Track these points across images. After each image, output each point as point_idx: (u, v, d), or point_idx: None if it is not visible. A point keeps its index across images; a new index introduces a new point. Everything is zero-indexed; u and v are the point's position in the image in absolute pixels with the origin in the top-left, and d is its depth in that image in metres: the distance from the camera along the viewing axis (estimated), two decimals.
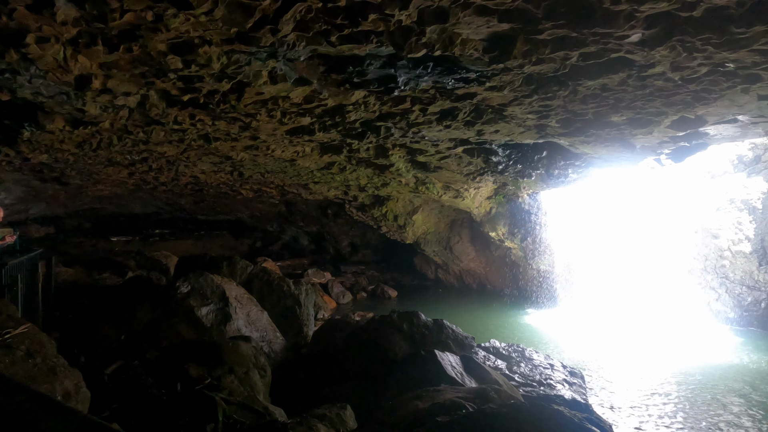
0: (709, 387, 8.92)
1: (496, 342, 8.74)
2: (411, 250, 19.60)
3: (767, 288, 13.35)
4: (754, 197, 13.75)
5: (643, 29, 4.30)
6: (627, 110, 7.02)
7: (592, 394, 8.44)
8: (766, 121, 7.88)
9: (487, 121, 7.94)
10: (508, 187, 14.01)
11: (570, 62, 5.22)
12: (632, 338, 12.21)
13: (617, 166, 10.55)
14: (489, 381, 6.12)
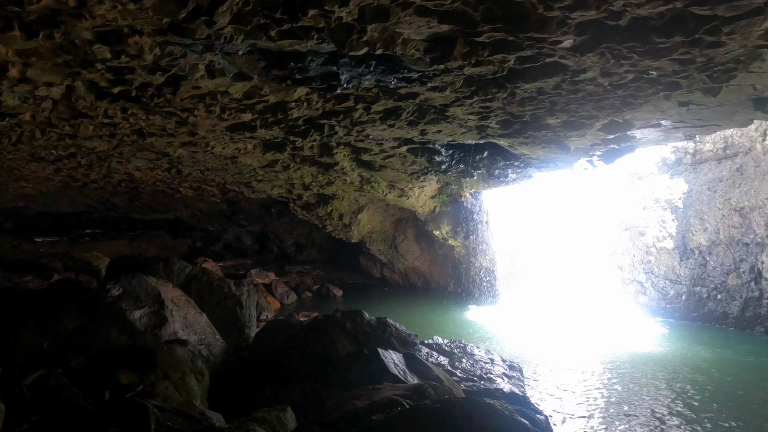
0: (636, 374, 9.50)
1: (439, 339, 8.87)
2: (357, 249, 19.60)
3: (687, 282, 14.35)
4: (676, 197, 14.73)
5: (574, 36, 4.49)
6: (562, 113, 7.32)
7: (530, 385, 8.76)
8: (686, 126, 8.45)
9: (430, 121, 8.04)
10: (452, 187, 14.29)
11: (508, 65, 5.37)
12: (567, 332, 12.79)
13: (554, 166, 11.00)
14: (431, 377, 6.20)
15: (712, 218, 13.88)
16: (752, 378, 9.40)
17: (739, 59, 5.18)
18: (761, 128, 12.81)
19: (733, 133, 13.55)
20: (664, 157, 15.17)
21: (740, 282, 13.34)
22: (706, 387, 8.83)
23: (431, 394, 3.56)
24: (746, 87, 6.26)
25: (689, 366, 10.06)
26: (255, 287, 13.19)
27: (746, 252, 13.30)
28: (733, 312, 13.40)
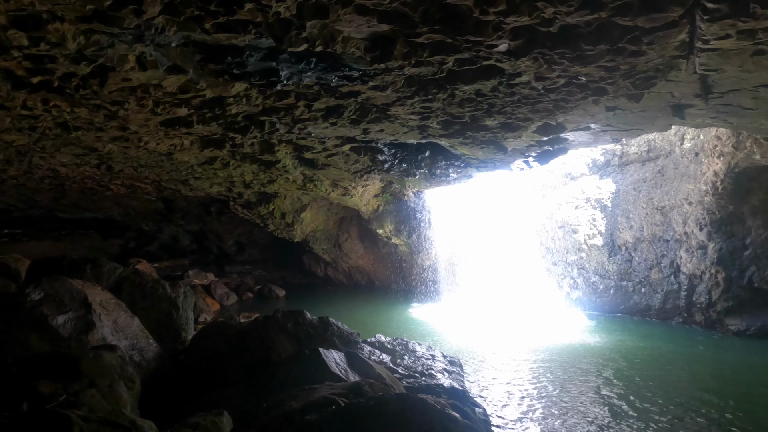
0: (568, 364, 9.99)
1: (381, 337, 8.93)
2: (300, 249, 19.36)
3: (615, 276, 15.20)
4: (605, 197, 15.57)
5: (509, 40, 4.64)
6: (499, 115, 7.56)
7: (469, 380, 9.00)
8: (613, 130, 8.97)
9: (373, 120, 8.06)
10: (395, 186, 14.40)
11: (447, 67, 5.48)
12: (505, 326, 13.24)
13: (493, 167, 11.34)
14: (373, 375, 6.23)
15: (637, 217, 14.79)
16: (670, 363, 10.11)
17: (658, 68, 5.55)
18: (680, 133, 13.79)
19: (655, 137, 14.51)
20: (594, 159, 16.02)
21: (661, 276, 14.31)
22: (630, 373, 9.41)
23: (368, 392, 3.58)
24: (665, 94, 6.73)
25: (615, 355, 10.69)
26: (193, 289, 12.72)
27: (667, 248, 14.28)
28: (656, 304, 14.35)
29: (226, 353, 7.21)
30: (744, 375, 9.63)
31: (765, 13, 3.93)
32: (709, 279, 13.16)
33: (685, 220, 13.64)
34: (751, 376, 9.55)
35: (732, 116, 7.48)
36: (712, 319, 13.07)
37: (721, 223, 12.88)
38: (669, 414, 7.56)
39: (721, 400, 8.15)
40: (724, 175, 12.27)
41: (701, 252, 13.32)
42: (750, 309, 12.53)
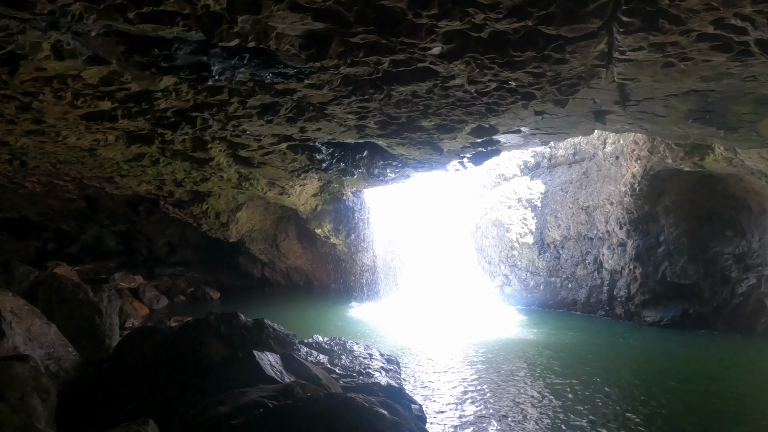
0: (500, 357, 10.37)
1: (319, 337, 8.85)
2: (236, 249, 18.83)
3: (544, 273, 15.94)
4: (535, 197, 16.29)
5: (442, 43, 4.75)
6: (434, 116, 7.71)
7: (406, 377, 9.12)
8: (542, 133, 9.40)
9: (309, 118, 7.97)
10: (333, 185, 14.34)
11: (382, 67, 5.52)
12: (441, 324, 13.54)
13: (429, 167, 11.55)
14: (309, 376, 6.16)
15: (564, 216, 15.60)
16: (593, 354, 10.75)
17: (581, 76, 5.87)
18: (602, 137, 14.67)
19: (580, 141, 15.35)
20: (525, 161, 16.72)
21: (586, 272, 15.17)
22: (558, 365, 9.90)
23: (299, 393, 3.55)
24: (588, 101, 7.13)
25: (545, 348, 11.22)
26: (119, 292, 12.05)
27: (591, 246, 15.16)
28: (581, 298, 15.21)
29: (154, 360, 6.87)
30: (659, 362, 10.43)
31: (672, 29, 4.27)
32: (628, 274, 14.11)
33: (607, 219, 14.53)
34: (665, 363, 10.37)
35: (647, 122, 8.05)
36: (630, 312, 14.01)
37: (638, 222, 13.84)
38: (594, 400, 8.03)
39: (639, 386, 8.77)
40: (641, 178, 13.19)
41: (621, 249, 14.24)
42: (663, 301, 13.56)
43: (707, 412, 7.71)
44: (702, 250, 13.24)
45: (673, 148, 11.81)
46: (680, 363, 10.39)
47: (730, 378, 9.34)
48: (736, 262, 12.79)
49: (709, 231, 13.24)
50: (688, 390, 8.73)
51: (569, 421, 7.28)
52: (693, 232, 13.32)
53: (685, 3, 3.83)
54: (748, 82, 5.81)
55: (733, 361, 10.39)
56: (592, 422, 7.23)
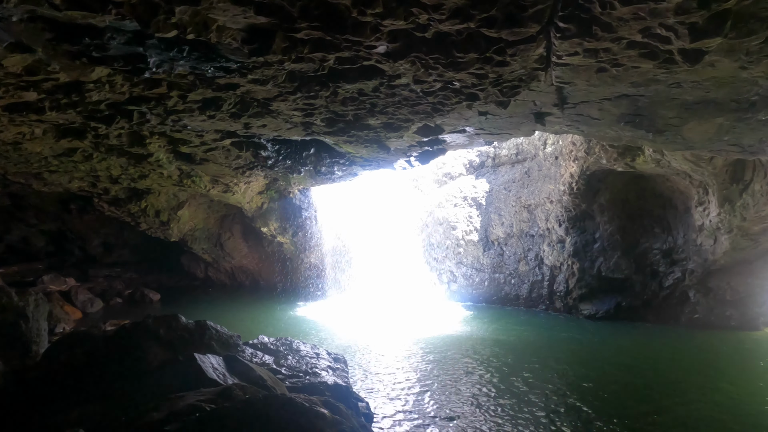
0: (446, 352, 10.59)
1: (264, 338, 8.69)
2: (177, 249, 18.15)
3: (489, 269, 16.38)
4: (480, 195, 16.70)
5: (387, 42, 4.77)
6: (381, 115, 7.73)
7: (354, 375, 9.12)
8: (486, 133, 9.64)
9: (254, 114, 7.79)
10: (280, 183, 14.11)
11: (328, 64, 5.47)
12: (389, 321, 13.64)
13: (377, 166, 11.59)
14: (253, 378, 6.04)
15: (507, 214, 16.09)
16: (533, 346, 11.16)
17: (522, 78, 6.06)
18: (543, 138, 15.24)
19: (523, 141, 15.88)
20: (470, 160, 17.11)
21: (528, 268, 15.73)
22: (502, 358, 10.21)
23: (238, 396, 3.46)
24: (529, 102, 7.38)
25: (488, 342, 11.55)
26: (48, 296, 11.34)
27: (532, 242, 15.72)
28: (523, 294, 15.75)
29: (86, 366, 6.51)
30: (594, 353, 10.97)
31: (605, 36, 4.48)
32: (567, 270, 14.75)
33: (548, 217, 15.12)
34: (600, 354, 10.93)
35: (583, 125, 8.43)
36: (569, 306, 14.66)
37: (576, 219, 14.48)
38: (536, 391, 8.33)
39: (578, 376, 9.19)
40: (578, 177, 13.81)
41: (560, 246, 14.86)
42: (599, 295, 14.27)
43: (638, 396, 8.21)
44: (633, 246, 14.04)
45: (607, 150, 12.43)
46: (613, 353, 10.99)
47: (657, 366, 9.98)
48: (664, 257, 13.65)
49: (640, 228, 14.05)
50: (620, 378, 9.24)
51: (516, 414, 7.53)
52: (625, 229, 14.10)
53: (615, 12, 4.03)
54: (673, 88, 6.20)
55: (659, 350, 11.10)
56: (535, 413, 7.51)
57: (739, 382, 9.00)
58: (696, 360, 10.51)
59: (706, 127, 7.63)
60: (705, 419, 7.35)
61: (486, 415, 7.44)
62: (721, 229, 11.74)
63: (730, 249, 11.79)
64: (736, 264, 12.38)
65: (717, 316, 12.82)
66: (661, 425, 7.20)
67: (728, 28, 4.17)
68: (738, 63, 5.19)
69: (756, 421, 7.31)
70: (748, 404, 7.94)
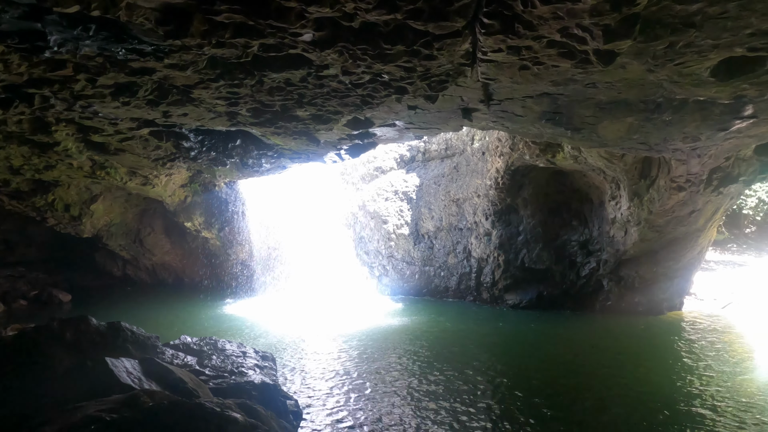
0: (377, 345, 10.64)
1: (187, 338, 8.29)
2: (91, 245, 16.90)
3: (419, 263, 16.63)
4: (411, 189, 16.89)
5: (313, 30, 4.63)
6: (309, 106, 7.55)
7: (283, 373, 8.93)
8: (415, 128, 9.71)
9: (174, 102, 7.34)
10: (204, 175, 13.50)
11: (252, 51, 5.24)
12: (320, 317, 13.49)
13: (306, 158, 11.35)
14: (172, 381, 5.72)
15: (437, 208, 16.40)
16: (458, 335, 11.48)
17: (449, 73, 6.13)
18: (471, 134, 15.65)
19: (452, 137, 16.22)
20: (401, 154, 17.25)
21: (457, 261, 16.14)
22: (431, 349, 10.40)
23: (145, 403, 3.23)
24: (456, 98, 7.50)
25: (418, 333, 11.73)
26: None
27: (461, 236, 16.14)
28: (452, 286, 16.15)
29: None
30: (518, 341, 11.47)
31: (526, 33, 4.61)
32: (493, 261, 15.28)
33: (475, 211, 15.57)
34: (523, 341, 11.43)
35: (508, 121, 8.71)
36: (495, 296, 15.21)
37: (501, 213, 15.02)
38: (465, 381, 8.55)
39: (502, 363, 9.55)
40: (503, 172, 14.32)
41: (487, 238, 15.36)
42: (522, 285, 14.92)
43: (556, 378, 8.66)
44: (553, 238, 14.79)
45: (530, 146, 12.98)
46: (535, 341, 11.55)
47: (573, 350, 10.60)
48: (581, 248, 14.49)
49: (560, 221, 14.83)
50: (541, 363, 9.70)
51: (446, 405, 7.67)
52: (546, 222, 14.82)
53: (536, 10, 4.15)
54: (589, 88, 6.54)
55: (576, 337, 11.79)
56: (464, 402, 7.70)
57: (647, 363, 9.75)
58: (609, 344, 11.27)
59: (618, 126, 8.14)
60: (616, 396, 7.89)
61: (415, 408, 7.53)
62: (630, 222, 12.63)
63: (638, 240, 12.72)
64: (643, 254, 13.37)
65: (627, 302, 13.81)
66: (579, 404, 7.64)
67: (637, 32, 4.42)
68: (646, 66, 5.54)
69: (665, 396, 7.93)
70: (657, 383, 8.61)
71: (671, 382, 8.73)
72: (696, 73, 5.68)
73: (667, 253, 13.36)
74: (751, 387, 8.40)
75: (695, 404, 7.71)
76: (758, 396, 7.99)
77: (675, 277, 13.91)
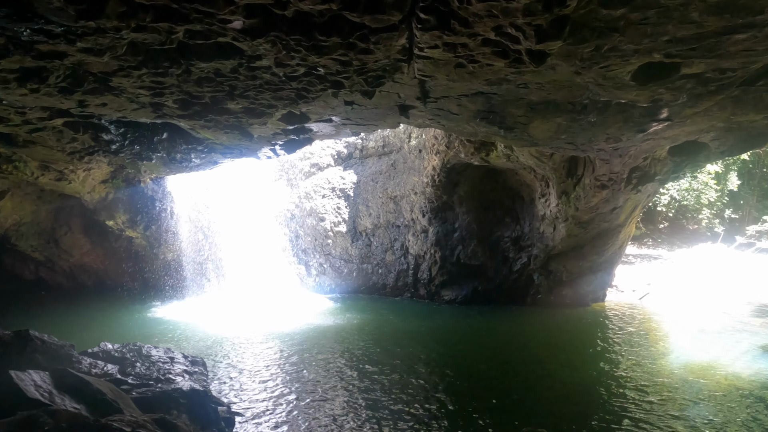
0: (311, 347, 10.42)
1: (108, 345, 7.71)
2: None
3: (357, 260, 16.56)
4: (348, 187, 16.76)
5: (243, 17, 4.39)
6: (242, 99, 7.23)
7: (215, 377, 8.55)
8: (352, 124, 9.60)
9: (90, 90, 6.78)
10: (128, 171, 12.68)
11: (177, 37, 4.91)
12: (254, 318, 13.09)
13: (239, 154, 10.93)
14: (90, 393, 5.28)
15: (375, 205, 16.38)
16: (399, 334, 11.53)
17: (385, 69, 6.06)
18: (408, 131, 15.75)
19: (389, 134, 16.25)
20: (339, 151, 17.07)
21: (395, 258, 16.20)
22: (367, 347, 10.35)
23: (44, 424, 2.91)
24: (393, 94, 7.46)
25: (354, 331, 11.65)
26: None
27: (398, 233, 16.22)
28: (390, 282, 16.20)
29: None
30: (454, 336, 11.66)
31: (462, 30, 4.62)
32: (430, 258, 15.48)
33: (412, 208, 15.70)
34: (459, 335, 11.64)
35: (444, 119, 8.79)
36: (432, 292, 15.41)
37: (438, 210, 15.24)
38: (402, 378, 8.55)
39: (437, 358, 9.66)
40: (439, 170, 14.52)
41: (424, 235, 15.54)
42: (458, 281, 15.22)
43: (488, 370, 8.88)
44: (488, 235, 15.20)
45: (465, 144, 13.23)
46: (469, 334, 11.81)
47: (506, 342, 10.93)
48: (513, 244, 14.99)
49: (493, 218, 15.26)
50: (475, 355, 9.92)
51: (382, 403, 7.62)
52: (481, 219, 15.20)
53: (471, 7, 4.15)
54: (521, 88, 6.71)
55: (507, 329, 12.18)
56: (403, 401, 7.69)
57: (574, 351, 10.23)
58: (539, 335, 11.74)
59: (548, 125, 8.43)
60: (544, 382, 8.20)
61: (350, 408, 7.44)
62: (559, 218, 13.21)
63: (566, 235, 13.33)
64: (570, 249, 14.04)
65: (556, 295, 14.45)
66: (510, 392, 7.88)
67: (567, 34, 4.55)
68: (574, 68, 5.75)
69: (590, 379, 8.34)
70: (582, 369, 9.04)
71: (595, 367, 9.22)
72: (618, 77, 5.96)
73: (592, 247, 14.10)
74: (666, 368, 9.05)
75: (617, 385, 8.20)
76: (672, 375, 8.61)
77: (599, 271, 14.72)
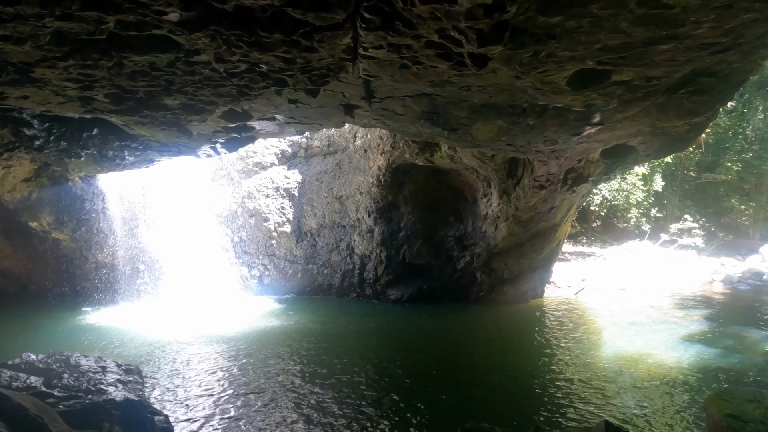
0: (253, 351, 10.15)
1: (31, 355, 7.20)
2: None
3: (302, 261, 16.34)
4: (293, 186, 16.51)
5: (180, 9, 4.21)
6: (179, 95, 6.93)
7: (151, 386, 8.16)
8: (296, 123, 9.45)
9: (10, 82, 6.27)
10: (54, 168, 11.87)
11: (107, 28, 4.62)
12: (194, 322, 12.61)
13: (177, 152, 10.48)
14: (9, 409, 4.89)
15: (320, 205, 16.22)
16: (345, 335, 11.47)
17: (330, 67, 6.00)
18: (353, 131, 15.71)
19: (334, 133, 16.14)
20: (283, 150, 16.78)
21: (340, 258, 16.12)
22: (312, 350, 10.22)
23: None
24: (338, 93, 7.40)
25: (298, 334, 11.48)
26: None
27: (344, 233, 16.14)
28: (336, 283, 16.09)
29: None
30: (400, 335, 11.75)
31: (406, 32, 4.64)
32: (375, 258, 15.51)
33: (358, 208, 15.68)
34: (405, 334, 11.74)
35: (389, 120, 8.83)
36: (378, 292, 15.46)
37: (383, 210, 15.30)
38: (348, 378, 8.50)
39: (383, 358, 9.68)
40: (385, 170, 14.58)
41: (370, 235, 15.56)
42: (404, 280, 15.35)
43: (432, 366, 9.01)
44: (432, 234, 15.43)
45: (410, 145, 13.36)
46: (415, 333, 11.94)
47: (450, 339, 11.13)
48: (457, 243, 15.30)
49: (438, 217, 15.51)
50: (419, 353, 10.04)
51: (333, 405, 7.54)
52: (426, 219, 15.41)
53: (415, 9, 4.18)
54: (464, 90, 6.84)
55: (452, 326, 12.41)
56: (352, 401, 7.64)
57: (513, 345, 10.57)
58: (481, 330, 12.05)
59: (489, 127, 8.66)
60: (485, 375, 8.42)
61: (294, 412, 7.32)
62: (500, 218, 13.60)
63: (507, 234, 13.75)
64: (511, 248, 14.50)
65: (497, 292, 14.88)
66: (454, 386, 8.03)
67: (507, 39, 4.67)
68: (513, 72, 5.92)
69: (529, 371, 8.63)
70: (521, 361, 9.35)
71: (537, 360, 9.57)
72: (555, 82, 6.20)
73: (531, 246, 14.63)
74: (601, 359, 9.54)
75: (558, 377, 8.53)
76: (607, 366, 9.09)
77: (538, 268, 15.30)
